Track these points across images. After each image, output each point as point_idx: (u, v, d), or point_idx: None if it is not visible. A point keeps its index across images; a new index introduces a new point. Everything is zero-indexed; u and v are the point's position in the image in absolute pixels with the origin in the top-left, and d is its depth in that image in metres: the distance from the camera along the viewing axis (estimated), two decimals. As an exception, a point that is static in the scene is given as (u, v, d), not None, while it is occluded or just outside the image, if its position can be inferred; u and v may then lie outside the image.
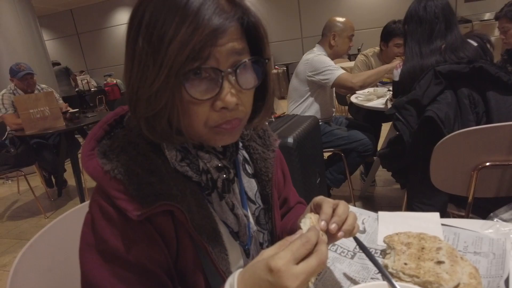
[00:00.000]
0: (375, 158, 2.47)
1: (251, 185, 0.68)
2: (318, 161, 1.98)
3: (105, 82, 7.90)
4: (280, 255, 0.42)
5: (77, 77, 7.96)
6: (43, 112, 2.90)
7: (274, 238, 0.72)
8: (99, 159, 0.53)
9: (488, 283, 0.55)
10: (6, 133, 3.11)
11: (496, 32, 2.75)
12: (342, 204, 0.57)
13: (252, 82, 0.54)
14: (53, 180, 3.64)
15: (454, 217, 1.43)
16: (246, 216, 0.65)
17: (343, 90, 2.71)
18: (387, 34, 2.56)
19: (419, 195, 1.51)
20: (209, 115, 0.51)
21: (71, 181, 3.66)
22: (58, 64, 7.38)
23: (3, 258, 2.53)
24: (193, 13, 0.45)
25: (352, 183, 2.75)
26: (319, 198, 0.60)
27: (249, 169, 0.68)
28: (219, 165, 0.59)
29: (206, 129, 0.52)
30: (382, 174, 2.83)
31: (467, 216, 1.33)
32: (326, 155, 2.31)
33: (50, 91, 3.14)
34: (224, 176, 0.60)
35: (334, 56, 2.31)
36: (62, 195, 3.51)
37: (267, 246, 0.69)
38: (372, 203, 2.55)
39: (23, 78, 3.13)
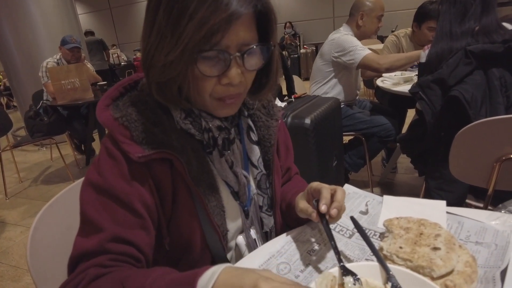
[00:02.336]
0: (398, 144, 2.40)
1: (254, 151, 0.72)
2: (336, 144, 1.96)
3: (134, 56, 8.06)
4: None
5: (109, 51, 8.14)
6: (73, 84, 3.02)
7: (274, 203, 0.75)
8: (111, 111, 0.60)
9: (485, 272, 0.54)
10: (41, 102, 3.28)
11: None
12: (339, 190, 0.62)
13: (257, 64, 0.59)
14: (83, 148, 3.83)
15: (470, 208, 1.39)
16: (246, 177, 0.69)
17: (368, 74, 2.62)
18: (422, 15, 2.38)
19: (439, 181, 1.47)
20: (215, 88, 0.57)
21: (98, 151, 3.83)
22: (92, 33, 7.19)
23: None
24: None
25: (372, 168, 2.71)
26: (317, 184, 0.64)
27: (253, 137, 0.73)
28: (221, 125, 0.64)
29: (211, 99, 0.59)
30: (404, 161, 2.76)
31: (485, 208, 1.29)
32: (346, 139, 2.28)
33: (80, 64, 3.25)
34: (225, 135, 0.65)
35: (361, 36, 2.21)
36: (89, 164, 3.70)
37: (267, 210, 0.74)
38: (391, 190, 2.50)
39: (70, 50, 3.28)
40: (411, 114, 2.54)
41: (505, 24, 1.37)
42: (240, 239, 0.72)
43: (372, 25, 2.17)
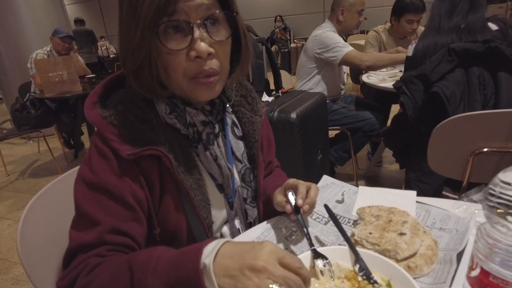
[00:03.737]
0: (382, 137, 2.47)
1: (238, 146, 0.74)
2: (322, 138, 2.00)
3: (124, 49, 7.94)
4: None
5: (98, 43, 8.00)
6: (61, 76, 3.00)
7: (257, 194, 0.79)
8: (99, 109, 0.61)
9: (444, 255, 0.59)
10: (28, 94, 3.24)
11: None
12: (313, 187, 0.67)
13: (224, 34, 0.59)
14: (72, 142, 3.81)
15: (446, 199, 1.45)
16: (230, 170, 0.72)
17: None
18: (400, 9, 2.45)
19: (418, 173, 1.53)
20: (186, 65, 0.57)
21: (87, 144, 3.82)
22: (82, 22, 6.80)
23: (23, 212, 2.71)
24: None
25: (358, 162, 2.77)
26: (293, 181, 0.68)
27: (237, 132, 0.75)
28: (205, 119, 0.66)
29: (185, 80, 0.59)
30: (389, 155, 2.82)
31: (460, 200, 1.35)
32: (333, 133, 2.33)
33: (68, 56, 3.23)
34: (209, 130, 0.67)
35: (342, 32, 2.25)
36: (78, 157, 3.69)
37: (251, 202, 0.77)
38: (376, 183, 2.57)
39: (63, 39, 3.25)
40: (395, 109, 2.60)
41: (490, 24, 1.41)
42: (225, 229, 0.75)
43: (352, 20, 2.19)
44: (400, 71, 2.29)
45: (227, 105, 0.73)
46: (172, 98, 0.64)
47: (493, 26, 1.42)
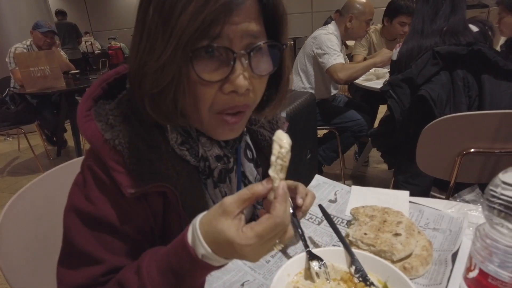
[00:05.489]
0: (369, 138, 2.49)
1: (251, 169, 0.67)
2: (310, 137, 2.00)
3: (109, 45, 7.80)
4: (249, 241, 0.39)
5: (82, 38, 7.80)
6: (43, 71, 2.90)
7: None
8: (97, 123, 0.51)
9: (439, 255, 0.58)
10: (7, 90, 3.13)
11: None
12: (310, 195, 0.64)
13: (267, 68, 0.50)
14: (55, 139, 3.70)
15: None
16: None
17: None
18: (393, 10, 2.47)
19: (406, 175, 1.55)
20: (216, 97, 0.48)
21: (71, 141, 3.71)
22: (64, 14, 6.21)
23: (2, 211, 2.62)
24: None
25: (345, 162, 2.79)
26: (292, 182, 0.64)
27: (249, 154, 0.67)
28: (220, 154, 0.58)
29: (210, 114, 0.50)
30: (375, 155, 2.85)
31: (447, 199, 1.37)
32: (321, 133, 2.33)
33: (50, 50, 3.13)
34: (223, 165, 0.59)
35: (347, 38, 2.25)
36: (61, 155, 3.58)
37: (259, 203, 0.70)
38: (363, 182, 2.59)
39: (44, 34, 3.13)
40: (383, 109, 2.63)
41: (471, 26, 1.44)
42: None
43: (360, 29, 2.18)
44: (388, 71, 2.31)
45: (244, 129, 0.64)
46: (185, 126, 0.56)
47: (474, 28, 1.46)
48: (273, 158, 0.42)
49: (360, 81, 2.29)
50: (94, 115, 0.52)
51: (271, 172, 0.42)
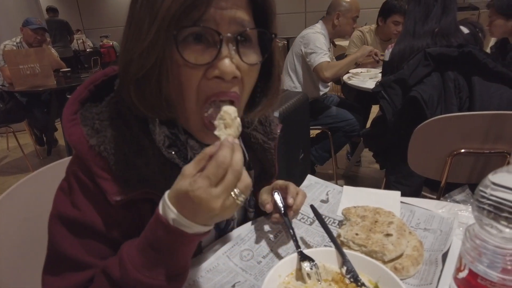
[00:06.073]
0: (362, 138, 2.50)
1: None
2: (303, 137, 2.01)
3: (101, 43, 7.70)
4: (198, 184, 0.40)
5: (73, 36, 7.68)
6: (33, 69, 2.86)
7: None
8: (83, 127, 0.50)
9: (430, 255, 0.59)
10: (-4, 88, 3.08)
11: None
12: (301, 194, 0.65)
13: (255, 58, 0.49)
14: (44, 138, 3.64)
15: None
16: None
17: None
18: (387, 10, 2.50)
19: (397, 175, 1.56)
20: (202, 83, 0.47)
21: (62, 140, 3.67)
22: (55, 11, 6.10)
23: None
24: None
25: (338, 161, 2.80)
26: (283, 182, 0.65)
27: None
28: None
29: (197, 107, 0.49)
30: (367, 155, 2.87)
31: (438, 199, 1.38)
32: (314, 133, 2.34)
33: (40, 48, 3.08)
34: None
35: (335, 36, 2.28)
36: (51, 154, 3.53)
37: (249, 206, 0.71)
38: (355, 182, 2.61)
39: (35, 31, 3.08)
40: (375, 109, 2.65)
41: (462, 27, 1.46)
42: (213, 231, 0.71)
43: (347, 26, 2.21)
44: (381, 72, 2.32)
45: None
46: (173, 127, 0.55)
47: (464, 30, 1.47)
48: (215, 122, 0.45)
49: (352, 81, 2.30)
50: (80, 119, 0.51)
51: (215, 132, 0.44)
